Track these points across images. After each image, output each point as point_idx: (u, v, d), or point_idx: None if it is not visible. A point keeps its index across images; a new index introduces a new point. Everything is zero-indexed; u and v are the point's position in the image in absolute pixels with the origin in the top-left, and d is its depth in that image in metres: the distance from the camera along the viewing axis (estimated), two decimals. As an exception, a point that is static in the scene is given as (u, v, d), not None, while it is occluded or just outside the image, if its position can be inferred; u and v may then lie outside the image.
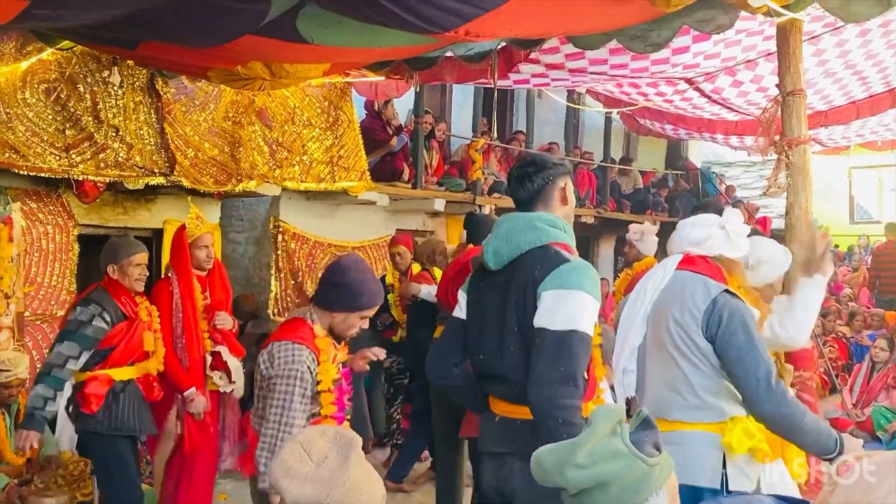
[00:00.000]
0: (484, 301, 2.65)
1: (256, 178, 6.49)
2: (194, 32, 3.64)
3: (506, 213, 2.76)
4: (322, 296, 3.00)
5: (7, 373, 4.80)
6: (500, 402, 2.62)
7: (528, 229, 2.57)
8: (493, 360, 2.60)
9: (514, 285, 2.53)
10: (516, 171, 2.72)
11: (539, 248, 2.54)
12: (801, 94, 4.05)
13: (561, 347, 2.39)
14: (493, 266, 2.61)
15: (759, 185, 14.53)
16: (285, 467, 1.54)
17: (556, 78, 6.07)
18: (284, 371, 2.83)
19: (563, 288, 2.43)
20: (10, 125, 4.95)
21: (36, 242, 5.52)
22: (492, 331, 2.59)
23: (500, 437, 2.59)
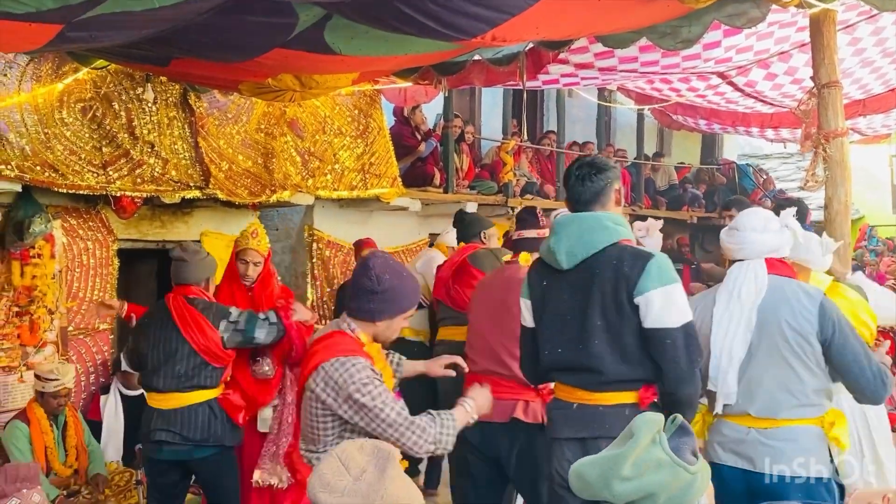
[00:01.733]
0: (556, 300, 2.83)
1: (290, 188, 6.55)
2: (224, 49, 3.68)
3: (564, 215, 2.91)
4: (360, 307, 2.72)
5: (55, 382, 4.90)
6: (578, 390, 2.79)
7: (600, 229, 2.74)
8: (574, 353, 2.76)
9: (596, 282, 2.70)
10: (576, 171, 2.84)
11: (612, 245, 2.72)
12: (836, 86, 3.97)
13: (688, 340, 2.64)
14: (565, 266, 2.77)
15: (797, 176, 14.27)
16: (323, 482, 1.54)
17: (586, 77, 6.03)
18: (356, 384, 2.52)
19: (664, 284, 2.64)
20: (48, 145, 5.06)
21: (77, 258, 5.63)
22: (571, 326, 2.77)
23: (580, 422, 2.77)
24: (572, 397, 2.82)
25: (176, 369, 3.91)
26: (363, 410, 2.52)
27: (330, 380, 2.55)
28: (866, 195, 14.89)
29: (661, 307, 2.62)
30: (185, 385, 3.92)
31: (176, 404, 3.92)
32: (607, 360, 2.69)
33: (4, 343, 5.16)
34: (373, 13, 3.13)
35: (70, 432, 5.09)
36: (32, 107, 4.99)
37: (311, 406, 2.61)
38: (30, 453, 4.82)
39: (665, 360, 2.65)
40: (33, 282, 5.24)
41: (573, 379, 2.81)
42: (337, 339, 2.69)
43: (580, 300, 2.74)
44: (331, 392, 2.54)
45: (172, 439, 3.90)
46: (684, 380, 2.65)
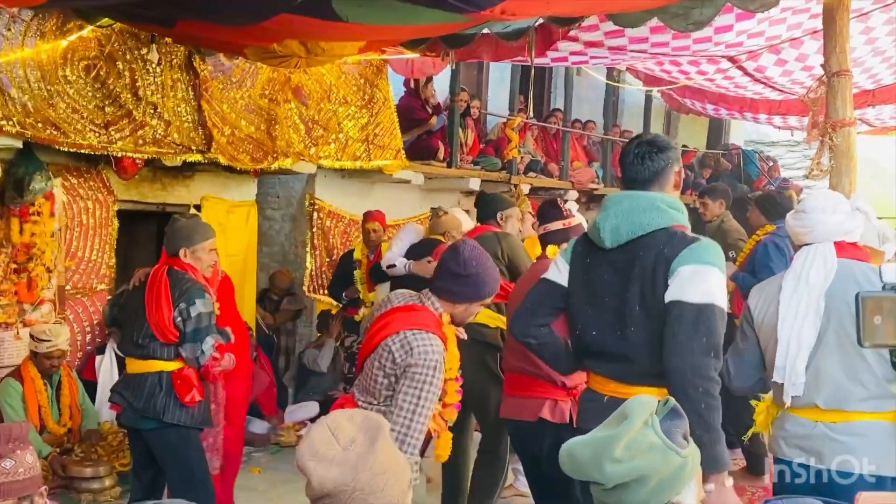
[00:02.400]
0: (595, 278, 2.67)
1: (292, 156, 6.52)
2: (231, 11, 3.64)
3: (618, 192, 2.74)
4: (445, 287, 2.89)
5: (48, 342, 4.92)
6: (610, 381, 2.65)
7: (652, 210, 2.56)
8: (610, 339, 2.62)
9: (637, 265, 2.54)
10: (635, 149, 2.67)
11: (662, 229, 2.54)
12: (846, 76, 3.92)
13: (700, 318, 2.41)
14: (608, 244, 2.60)
15: (803, 164, 14.20)
16: (312, 450, 1.54)
17: (595, 56, 5.97)
18: (424, 360, 2.71)
19: (699, 263, 2.45)
20: (51, 102, 5.02)
21: (77, 217, 5.63)
22: (608, 309, 2.61)
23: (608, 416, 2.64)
24: (605, 389, 2.68)
25: (133, 334, 3.88)
26: (408, 381, 2.72)
27: (408, 344, 2.73)
28: (872, 186, 14.84)
29: (686, 281, 2.44)
30: (139, 353, 3.85)
31: (131, 370, 3.91)
32: (643, 351, 2.53)
33: (2, 300, 5.17)
34: (381, -19, 3.09)
35: (64, 391, 5.12)
36: (36, 63, 4.95)
37: (379, 360, 2.77)
38: (23, 411, 4.85)
39: (667, 334, 2.45)
40: (32, 239, 5.23)
41: (606, 368, 2.67)
42: (421, 312, 2.85)
43: (620, 283, 2.58)
44: (402, 353, 2.73)
45: (121, 402, 3.87)
46: (675, 352, 2.42)
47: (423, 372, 2.71)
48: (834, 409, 2.73)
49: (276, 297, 7.41)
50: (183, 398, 3.80)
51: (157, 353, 3.82)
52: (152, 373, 3.81)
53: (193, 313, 3.76)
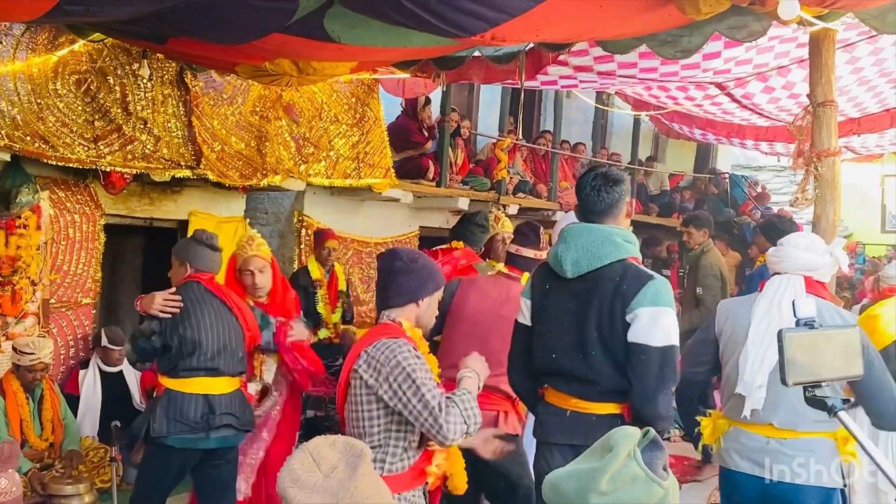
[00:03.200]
0: (556, 305, 2.88)
1: (281, 173, 6.52)
2: (222, 30, 3.66)
3: (574, 224, 2.95)
4: (399, 291, 2.72)
5: (32, 356, 4.87)
6: (572, 398, 2.84)
7: (608, 243, 2.79)
8: (573, 362, 2.81)
9: (596, 295, 2.76)
10: (591, 181, 2.88)
11: (618, 261, 2.77)
12: (832, 106, 3.99)
13: (664, 362, 2.67)
14: (569, 274, 2.82)
15: (789, 190, 14.31)
16: (293, 476, 1.54)
17: (585, 80, 6.03)
18: (394, 358, 2.52)
19: (656, 305, 2.68)
20: (40, 115, 5.01)
21: (63, 231, 5.59)
22: (570, 334, 2.82)
23: (573, 429, 2.82)
24: (566, 404, 2.86)
25: (234, 353, 3.82)
26: (405, 386, 2.49)
27: (373, 360, 2.55)
28: (856, 213, 14.96)
29: (646, 324, 2.67)
30: (237, 370, 3.84)
31: (226, 389, 3.79)
32: (605, 373, 2.75)
33: (-15, 312, 5.13)
34: (373, 4, 3.12)
35: (46, 405, 5.07)
36: (26, 76, 4.94)
37: (356, 395, 2.58)
38: (4, 425, 4.79)
39: (635, 374, 2.69)
40: (17, 252, 5.19)
41: (568, 386, 2.85)
42: (378, 328, 2.72)
43: (580, 310, 2.79)
44: (373, 372, 2.53)
45: (233, 423, 3.76)
46: (649, 398, 2.68)
47: (405, 364, 2.51)
48: (787, 429, 2.95)
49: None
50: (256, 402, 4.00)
51: (245, 367, 3.91)
52: (239, 388, 3.87)
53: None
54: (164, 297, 3.72)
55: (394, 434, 2.58)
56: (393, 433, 2.58)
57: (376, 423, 2.56)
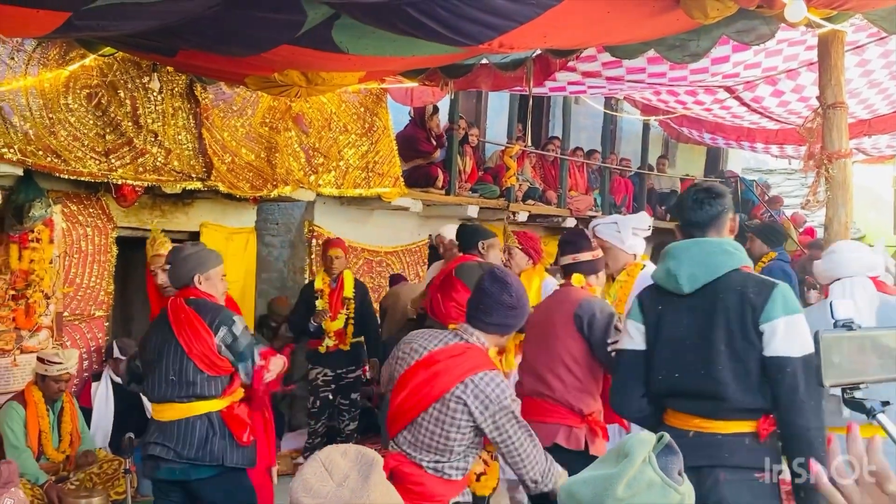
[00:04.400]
0: (673, 323, 2.80)
1: (292, 184, 6.55)
2: (232, 43, 3.68)
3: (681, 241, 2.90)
4: (497, 322, 2.86)
5: (59, 366, 4.90)
6: (695, 417, 2.75)
7: (722, 254, 2.75)
8: (697, 379, 2.72)
9: (720, 308, 2.68)
10: (693, 195, 2.88)
11: (734, 271, 2.72)
12: (842, 107, 3.97)
13: (809, 372, 2.57)
14: (686, 290, 2.75)
15: (800, 192, 14.25)
16: (306, 486, 1.54)
17: (593, 86, 6.03)
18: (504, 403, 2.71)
19: (789, 314, 2.62)
20: (52, 130, 5.05)
21: (76, 244, 5.63)
22: (690, 350, 2.74)
23: (698, 451, 2.68)
24: (688, 425, 2.76)
25: (170, 376, 3.51)
26: (509, 424, 2.69)
27: (481, 394, 2.69)
28: (868, 214, 14.88)
29: (784, 335, 2.60)
30: (182, 394, 3.52)
31: (172, 416, 3.53)
32: (731, 388, 2.65)
33: (0, 326, 5.16)
34: (381, 15, 3.13)
35: (66, 418, 5.09)
36: (38, 91, 4.98)
37: (452, 416, 2.71)
38: (23, 436, 4.82)
39: (782, 388, 2.60)
40: (31, 266, 5.23)
41: (691, 406, 2.77)
42: (472, 352, 2.82)
43: (702, 325, 2.72)
44: (480, 406, 2.69)
45: (167, 455, 3.49)
46: (800, 410, 2.59)
47: (509, 409, 2.70)
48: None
49: (275, 324, 7.39)
50: (241, 438, 3.54)
51: (204, 391, 3.52)
52: (199, 416, 3.50)
53: (238, 332, 3.56)
54: None
55: (473, 449, 2.81)
56: (472, 449, 2.80)
57: (464, 442, 2.74)
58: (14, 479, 1.79)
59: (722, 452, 2.67)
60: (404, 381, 2.84)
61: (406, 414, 2.80)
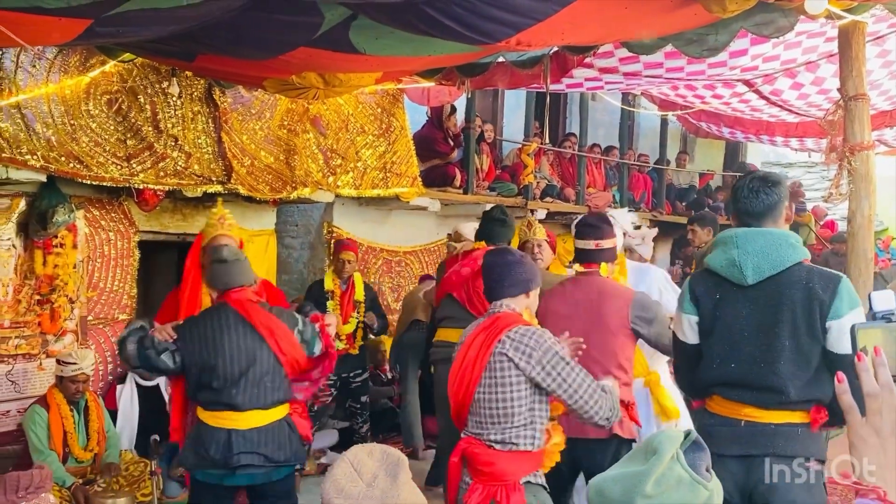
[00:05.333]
0: (732, 314, 2.79)
1: (311, 186, 6.58)
2: (250, 46, 3.71)
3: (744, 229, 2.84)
4: (514, 282, 2.91)
5: (73, 366, 4.95)
6: (745, 406, 2.75)
7: (787, 246, 2.74)
8: (752, 369, 2.73)
9: (786, 301, 2.68)
10: (749, 183, 2.86)
11: (797, 264, 2.71)
12: (863, 99, 3.93)
13: None
14: (750, 280, 2.73)
15: (821, 186, 14.10)
16: (337, 487, 1.55)
17: (610, 81, 6.00)
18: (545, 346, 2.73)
19: (854, 308, 2.63)
20: (74, 136, 5.11)
21: (99, 249, 5.69)
22: (749, 343, 2.74)
23: (750, 440, 2.74)
24: (738, 414, 2.77)
25: (260, 383, 3.46)
26: (559, 367, 2.70)
27: (521, 344, 2.73)
28: (891, 207, 14.69)
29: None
30: (273, 400, 3.50)
31: (258, 422, 3.47)
32: (793, 382, 2.66)
33: (25, 331, 5.23)
34: (398, 15, 3.14)
35: (92, 417, 5.14)
36: (59, 98, 5.04)
37: (503, 376, 2.73)
38: (47, 438, 4.87)
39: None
40: (55, 271, 5.29)
41: (745, 395, 2.76)
42: (506, 316, 2.85)
43: (766, 318, 2.72)
44: (523, 356, 2.72)
45: (257, 461, 3.45)
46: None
47: (552, 350, 2.73)
48: None
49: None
50: (308, 437, 3.70)
51: (285, 395, 3.56)
52: (280, 419, 3.53)
53: (300, 323, 3.61)
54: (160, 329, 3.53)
55: (537, 412, 2.79)
56: (537, 411, 2.78)
57: (525, 403, 2.74)
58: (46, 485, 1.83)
59: (776, 442, 2.69)
60: (453, 372, 2.91)
61: (464, 397, 2.86)
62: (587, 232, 3.73)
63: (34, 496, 1.96)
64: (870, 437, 1.31)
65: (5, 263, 5.11)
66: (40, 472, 1.99)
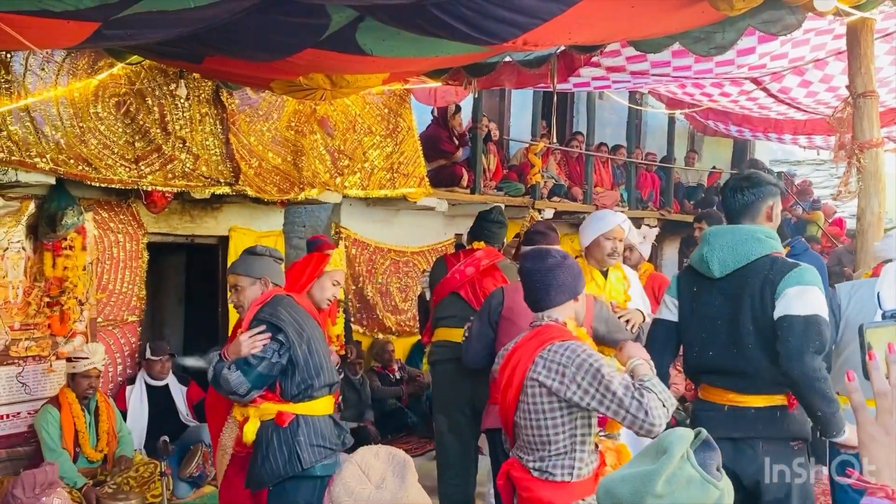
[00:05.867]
0: (706, 305, 2.99)
1: (318, 186, 6.59)
2: (258, 48, 3.71)
3: (716, 226, 3.15)
4: (561, 288, 2.67)
5: (85, 361, 4.98)
6: (729, 392, 2.94)
7: (752, 241, 2.90)
8: (728, 357, 2.91)
9: (747, 290, 2.86)
10: (732, 182, 3.07)
11: (764, 257, 2.88)
12: (872, 96, 3.92)
13: (808, 327, 2.73)
14: (717, 274, 2.93)
15: (829, 184, 14.06)
16: (348, 489, 1.55)
17: (618, 80, 5.99)
18: (577, 360, 2.48)
19: (802, 284, 2.78)
20: (83, 138, 5.13)
21: (108, 251, 5.71)
22: (722, 331, 2.92)
23: (733, 423, 2.90)
24: (722, 399, 2.95)
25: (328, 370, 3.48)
26: (595, 382, 2.45)
27: (552, 363, 2.51)
28: (901, 205, 14.61)
29: (792, 299, 2.74)
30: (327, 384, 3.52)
31: (327, 409, 3.50)
32: (761, 365, 2.83)
33: (35, 332, 5.25)
34: (405, 16, 3.13)
35: (103, 416, 5.17)
36: (68, 101, 5.06)
37: (536, 403, 2.53)
38: (59, 437, 4.90)
39: (781, 342, 2.73)
40: (64, 273, 5.32)
41: (724, 381, 2.95)
42: (546, 329, 2.64)
43: (731, 307, 2.90)
44: (555, 376, 2.49)
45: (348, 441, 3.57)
46: (792, 357, 2.70)
47: (586, 363, 2.47)
48: None
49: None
50: None
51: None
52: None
53: None
54: (249, 336, 3.30)
55: (578, 439, 2.56)
56: (578, 438, 2.56)
57: (561, 430, 2.53)
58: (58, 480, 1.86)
59: (757, 425, 2.86)
60: (496, 389, 2.78)
61: (508, 419, 2.71)
62: (533, 239, 4.03)
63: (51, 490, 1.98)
64: (880, 436, 1.31)
65: (15, 266, 5.13)
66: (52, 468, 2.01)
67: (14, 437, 5.16)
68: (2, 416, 5.11)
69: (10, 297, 5.12)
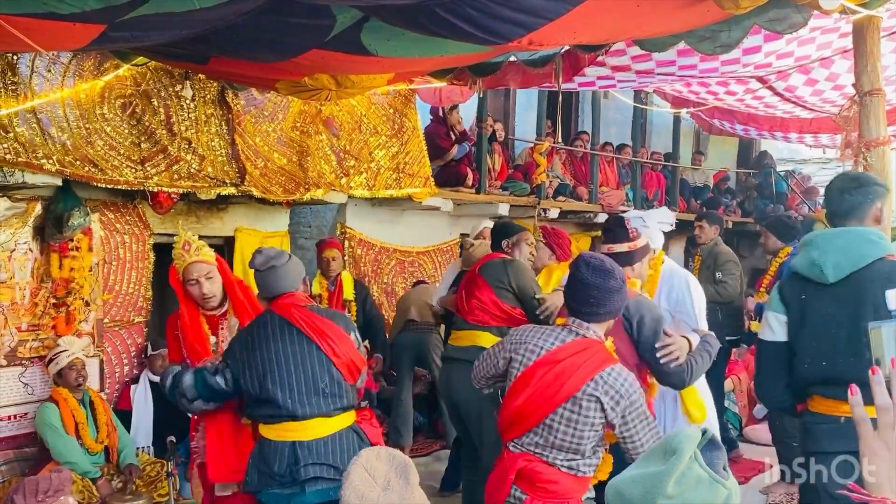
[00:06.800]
0: (818, 313, 2.86)
1: (324, 187, 6.60)
2: (263, 49, 3.72)
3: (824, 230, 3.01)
4: (610, 309, 2.84)
5: (66, 352, 4.99)
6: (843, 403, 2.71)
7: (866, 243, 2.81)
8: (843, 365, 2.76)
9: (867, 296, 2.74)
10: (838, 183, 2.97)
11: (879, 260, 2.78)
12: (879, 94, 3.89)
13: None
14: (831, 279, 2.82)
15: (836, 182, 13.98)
16: (357, 493, 1.56)
17: (623, 80, 5.98)
18: (634, 396, 2.76)
19: None
20: (89, 140, 5.15)
21: (114, 252, 5.73)
22: (838, 339, 2.78)
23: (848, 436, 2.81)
24: (837, 411, 2.80)
25: (322, 388, 3.26)
26: (637, 420, 2.74)
27: (612, 390, 2.73)
28: (907, 202, 14.55)
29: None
30: (334, 407, 3.29)
31: (323, 431, 3.27)
32: None
33: (41, 333, 5.27)
34: (409, 17, 3.13)
35: (99, 409, 5.19)
36: (74, 102, 5.08)
37: (585, 415, 2.74)
38: (62, 429, 4.90)
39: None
40: (71, 274, 5.33)
41: (841, 392, 2.77)
42: (597, 348, 2.83)
43: (850, 314, 2.76)
44: (611, 402, 2.72)
45: (329, 474, 3.21)
46: None
47: (637, 403, 2.75)
48: None
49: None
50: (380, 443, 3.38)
51: (351, 400, 3.36)
52: (347, 428, 3.34)
53: (356, 332, 3.47)
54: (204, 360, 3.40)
55: (598, 444, 2.86)
56: (598, 443, 2.85)
57: (595, 439, 2.79)
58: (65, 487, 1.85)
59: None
60: (524, 382, 2.82)
61: (532, 415, 2.80)
62: (602, 237, 3.88)
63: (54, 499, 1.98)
64: (881, 451, 1.31)
65: (22, 267, 5.15)
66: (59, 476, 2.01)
67: (22, 438, 5.18)
68: (10, 416, 5.13)
69: (18, 298, 5.14)
